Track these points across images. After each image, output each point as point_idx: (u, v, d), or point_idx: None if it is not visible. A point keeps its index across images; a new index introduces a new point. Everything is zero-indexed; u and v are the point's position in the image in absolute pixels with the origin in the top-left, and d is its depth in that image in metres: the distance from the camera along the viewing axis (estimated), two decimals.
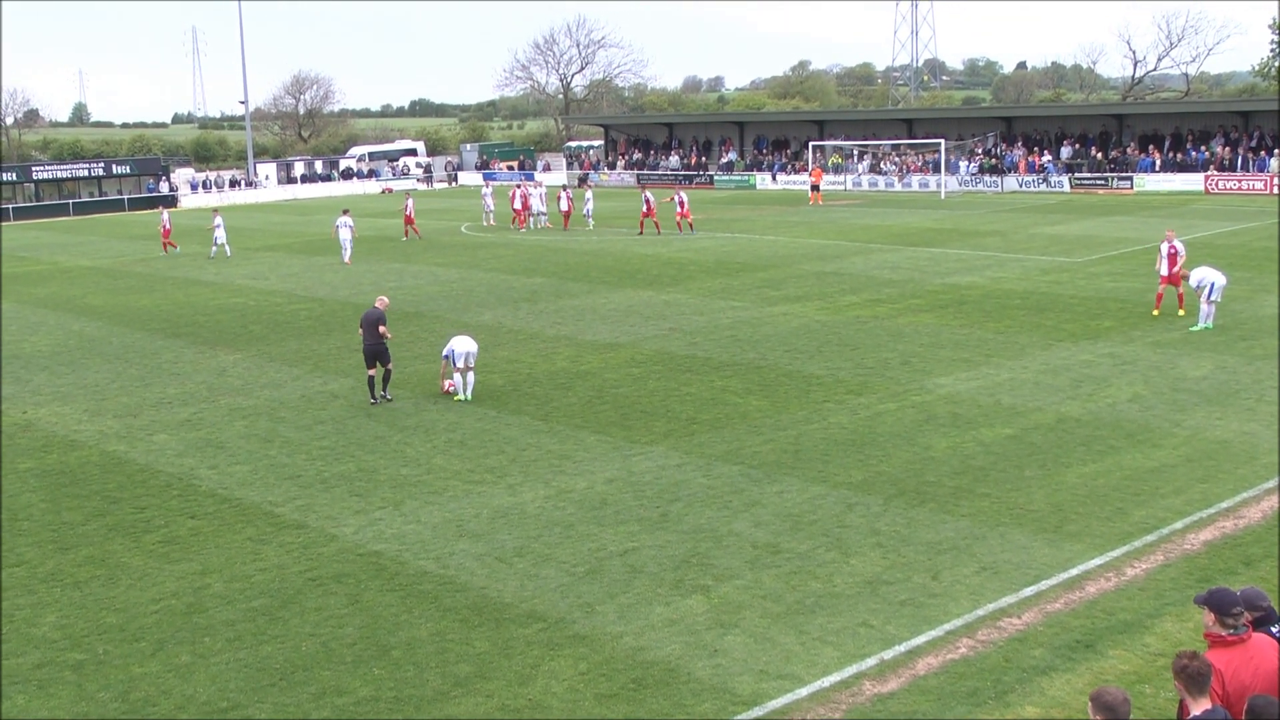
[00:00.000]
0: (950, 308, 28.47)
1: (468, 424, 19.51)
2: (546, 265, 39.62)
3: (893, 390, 20.61)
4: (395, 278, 37.34)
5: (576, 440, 18.25)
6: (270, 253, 48.42)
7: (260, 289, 37.09)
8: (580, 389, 21.67)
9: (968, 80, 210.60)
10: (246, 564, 13.64)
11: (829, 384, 21.26)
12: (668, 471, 16.46)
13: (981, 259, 37.30)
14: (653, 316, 28.94)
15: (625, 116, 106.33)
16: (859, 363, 22.87)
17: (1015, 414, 18.77)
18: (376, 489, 16.20)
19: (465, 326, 28.28)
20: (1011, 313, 27.54)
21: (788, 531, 13.95)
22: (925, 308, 28.62)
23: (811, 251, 40.79)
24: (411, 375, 23.35)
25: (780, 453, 17.14)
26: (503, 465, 17.08)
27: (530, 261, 40.80)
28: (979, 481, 15.50)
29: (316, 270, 41.44)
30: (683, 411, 19.74)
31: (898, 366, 22.40)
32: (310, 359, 25.52)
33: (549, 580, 12.81)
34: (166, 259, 46.68)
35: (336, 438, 18.96)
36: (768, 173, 77.10)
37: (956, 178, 68.28)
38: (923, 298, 30.09)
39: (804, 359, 23.42)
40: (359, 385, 22.59)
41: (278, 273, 41.31)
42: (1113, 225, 45.71)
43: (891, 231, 46.63)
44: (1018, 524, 13.95)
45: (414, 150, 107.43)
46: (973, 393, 20.21)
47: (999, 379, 21.14)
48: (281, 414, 20.75)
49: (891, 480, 15.69)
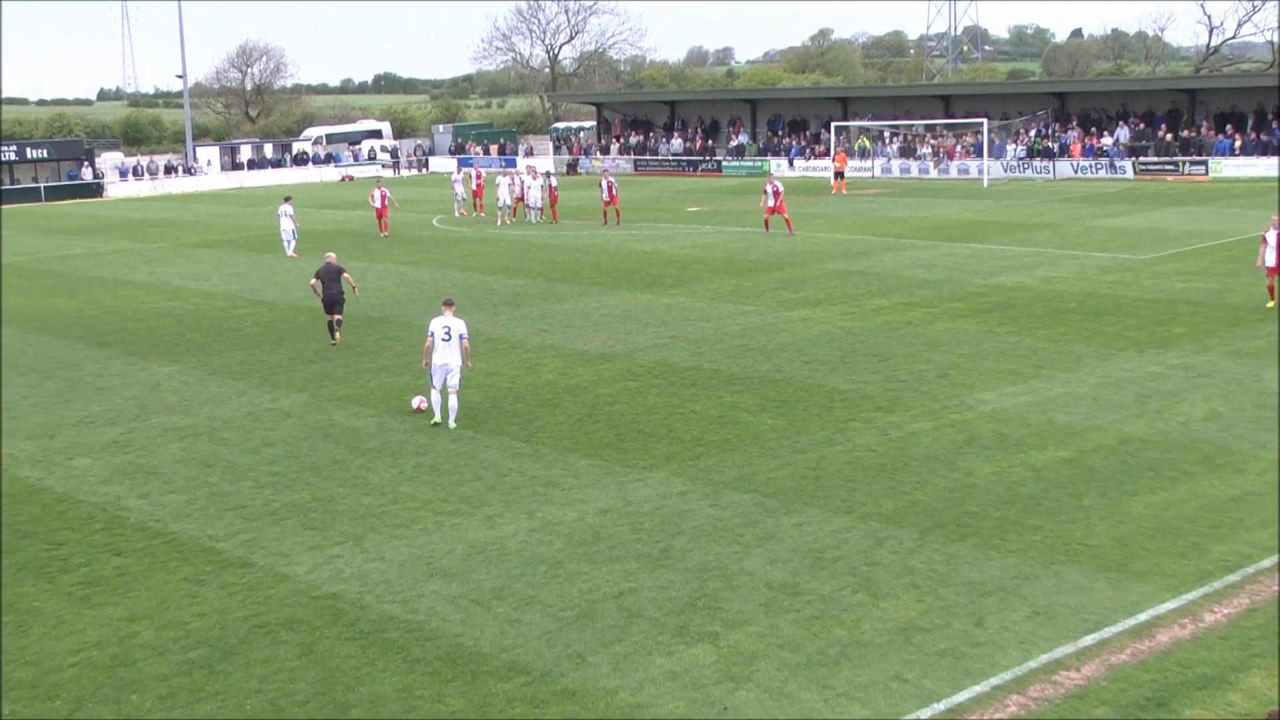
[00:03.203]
0: (995, 312, 28.55)
1: (440, 446, 19.49)
2: (530, 264, 39.65)
3: (928, 407, 20.61)
4: (356, 278, 37.12)
5: (565, 465, 18.23)
6: (212, 249, 48.40)
7: (200, 291, 37.09)
8: (569, 406, 21.67)
9: (1014, 51, 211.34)
10: (182, 608, 13.60)
11: (855, 400, 21.27)
12: (670, 501, 16.46)
13: (1031, 256, 37.28)
14: (652, 323, 28.97)
15: (621, 94, 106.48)
16: (889, 375, 22.88)
17: (1071, 434, 18.74)
18: (334, 521, 16.19)
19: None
20: (1066, 318, 27.59)
21: (808, 570, 13.95)
22: (965, 312, 28.72)
23: (834, 248, 40.81)
24: (375, 390, 23.37)
25: (799, 479, 17.12)
26: (480, 494, 17.06)
27: (512, 260, 40.85)
28: (1029, 512, 15.48)
29: (265, 269, 41.46)
30: (687, 432, 19.74)
31: (934, 380, 22.44)
32: (258, 371, 25.53)
33: (533, 627, 12.79)
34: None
35: (288, 462, 18.93)
36: (784, 157, 77.19)
37: (1001, 162, 68.33)
38: (963, 301, 30.18)
39: (826, 371, 23.47)
40: (314, 400, 22.65)
41: (221, 272, 41.32)
42: (1184, 217, 45.77)
43: (926, 224, 46.60)
44: (1075, 561, 13.92)
45: (378, 132, 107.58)
46: (1021, 410, 20.21)
47: (1052, 394, 21.13)
48: (224, 435, 20.72)
49: (928, 511, 15.68)
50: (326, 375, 24.89)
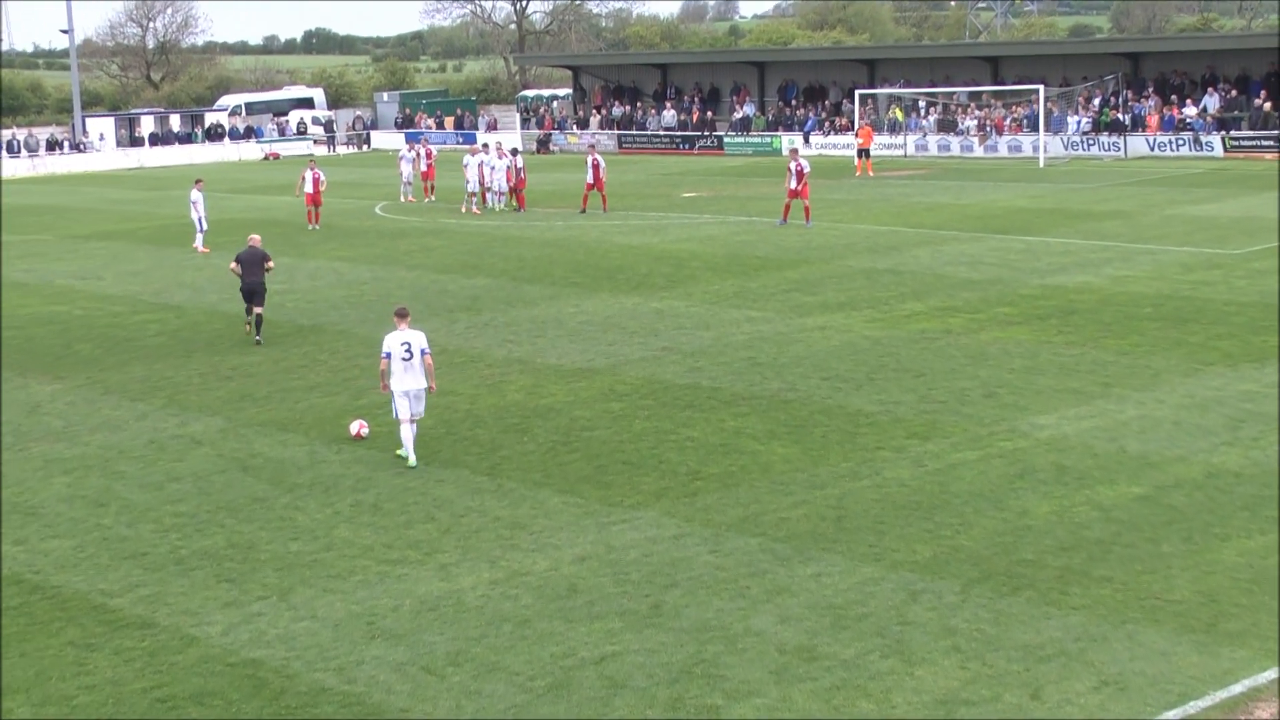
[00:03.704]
0: (1053, 319, 28.59)
1: (383, 480, 19.41)
2: (493, 260, 39.64)
3: (973, 433, 20.63)
4: (284, 276, 37.26)
5: (535, 503, 18.21)
6: (106, 242, 48.31)
7: (92, 293, 37.00)
8: (540, 432, 21.66)
9: (1076, 4, 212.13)
10: (66, 680, 13.49)
11: (884, 424, 21.26)
12: (661, 546, 16.42)
13: (1097, 251, 37.34)
14: (640, 331, 28.98)
15: (602, 55, 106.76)
16: (926, 395, 22.91)
17: (1146, 466, 18.78)
18: (255, 572, 16.12)
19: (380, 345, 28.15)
20: (1140, 325, 27.66)
21: (827, 630, 13.92)
22: (1018, 319, 28.76)
23: (859, 241, 40.80)
24: (305, 413, 23.34)
25: (817, 520, 17.12)
26: (432, 538, 17.01)
27: (471, 255, 40.81)
28: (1096, 561, 15.46)
29: (172, 266, 41.39)
30: (681, 463, 19.73)
31: (979, 400, 22.47)
32: (163, 390, 25.44)
33: (496, 698, 12.72)
34: None
35: (199, 500, 18.87)
36: (798, 132, 77.31)
37: (1061, 138, 68.60)
38: (1014, 305, 30.23)
39: (849, 390, 23.48)
40: (231, 425, 22.62)
41: (117, 270, 41.27)
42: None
43: (970, 213, 46.61)
44: (1152, 620, 13.89)
45: (309, 100, 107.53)
46: (1085, 436, 20.20)
47: (1123, 417, 21.15)
48: (120, 467, 20.66)
49: (972, 559, 15.67)
50: (246, 395, 24.81)
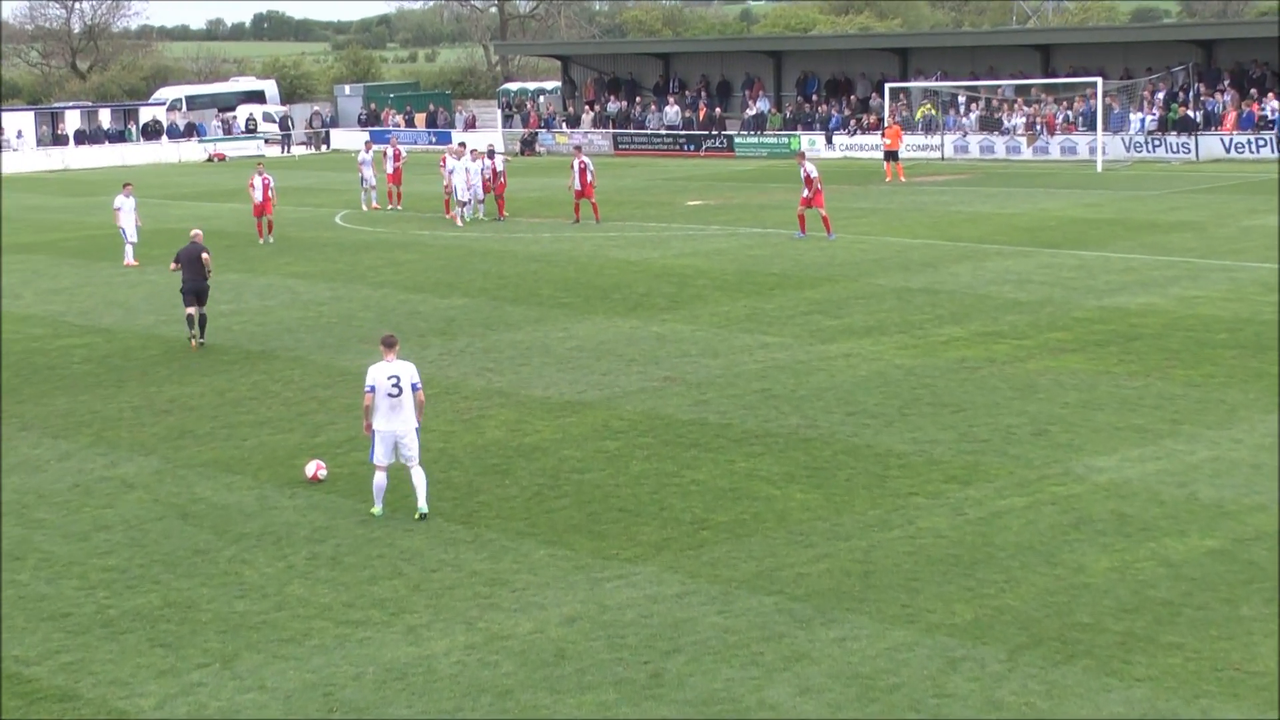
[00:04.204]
0: (1113, 345, 28.60)
1: (344, 529, 19.35)
2: (471, 278, 39.68)
3: (1020, 477, 20.62)
4: (231, 295, 37.33)
5: (518, 555, 18.18)
6: (25, 256, 48.28)
7: (8, 313, 36.97)
8: (524, 474, 21.66)
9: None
10: None
11: (918, 467, 21.28)
12: (662, 606, 16.38)
13: (1163, 267, 37.32)
14: (638, 359, 29.01)
15: (595, 43, 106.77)
16: (965, 433, 22.93)
17: (1222, 515, 18.71)
18: (195, 635, 16.04)
19: (343, 373, 28.14)
20: (1214, 353, 27.65)
21: (854, 703, 13.83)
22: (1072, 345, 28.79)
23: (889, 256, 40.85)
24: (254, 452, 23.34)
25: (841, 576, 17.10)
26: (400, 596, 16.97)
27: (445, 272, 40.86)
28: (1163, 625, 15.41)
29: (101, 283, 41.44)
30: (686, 510, 19.72)
31: (1028, 439, 22.48)
32: (90, 425, 25.44)
33: None
34: None
35: (130, 552, 18.79)
36: (819, 132, 77.37)
37: (1123, 137, 68.58)
38: (1068, 329, 30.25)
39: (878, 427, 23.50)
40: (168, 466, 22.57)
41: (38, 287, 41.25)
42: None
43: (1017, 224, 46.57)
44: (1231, 694, 13.81)
45: (260, 94, 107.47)
46: (1150, 481, 20.20)
47: (1194, 459, 21.11)
48: (40, 514, 20.61)
49: (1021, 621, 15.62)
50: (186, 431, 24.78)
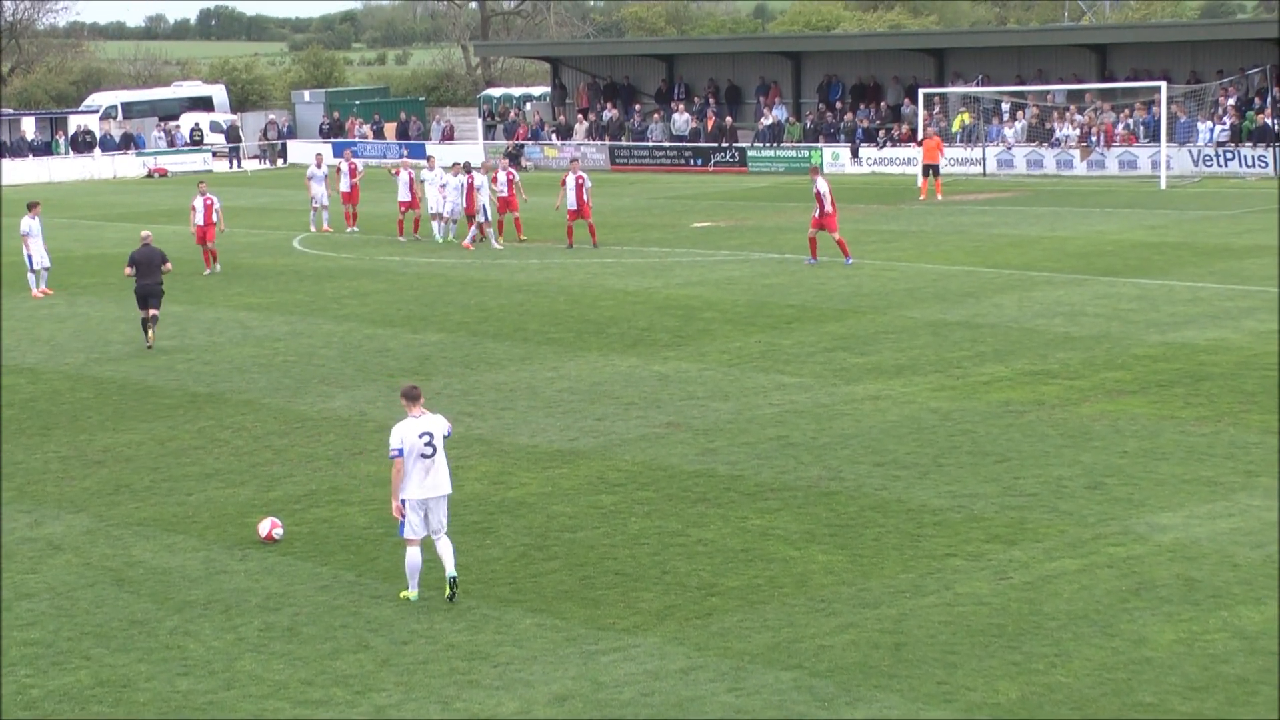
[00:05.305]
0: (1178, 386, 28.47)
1: (302, 596, 19.15)
2: (448, 310, 39.57)
3: (1073, 536, 20.38)
4: (173, 330, 37.07)
5: (500, 626, 17.96)
6: None
7: None
8: (507, 533, 21.48)
9: None
10: None
11: (956, 524, 21.07)
12: (665, 683, 16.15)
13: (1236, 298, 37.04)
14: (638, 402, 28.79)
15: (590, 44, 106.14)
16: (1010, 486, 22.74)
17: None
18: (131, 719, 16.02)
19: (301, 419, 28.09)
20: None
21: None
22: (1132, 386, 28.59)
23: (924, 285, 40.65)
24: (200, 508, 23.17)
25: (868, 649, 16.85)
26: (366, 672, 16.73)
27: (418, 303, 40.74)
28: (1238, 705, 15.17)
29: (23, 317, 41.07)
30: (692, 574, 19.42)
31: (1081, 493, 22.25)
32: (11, 478, 25.31)
33: None
34: None
35: (57, 623, 18.57)
36: (843, 145, 77.01)
37: (1190, 150, 68.63)
38: (1126, 369, 30.05)
39: (911, 479, 23.29)
40: (101, 525, 22.40)
41: None
42: None
43: (1069, 249, 46.66)
44: None
45: (207, 100, 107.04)
46: (1222, 541, 20.00)
47: (1271, 516, 20.85)
48: None
49: (1074, 701, 15.38)
50: (122, 485, 24.46)
